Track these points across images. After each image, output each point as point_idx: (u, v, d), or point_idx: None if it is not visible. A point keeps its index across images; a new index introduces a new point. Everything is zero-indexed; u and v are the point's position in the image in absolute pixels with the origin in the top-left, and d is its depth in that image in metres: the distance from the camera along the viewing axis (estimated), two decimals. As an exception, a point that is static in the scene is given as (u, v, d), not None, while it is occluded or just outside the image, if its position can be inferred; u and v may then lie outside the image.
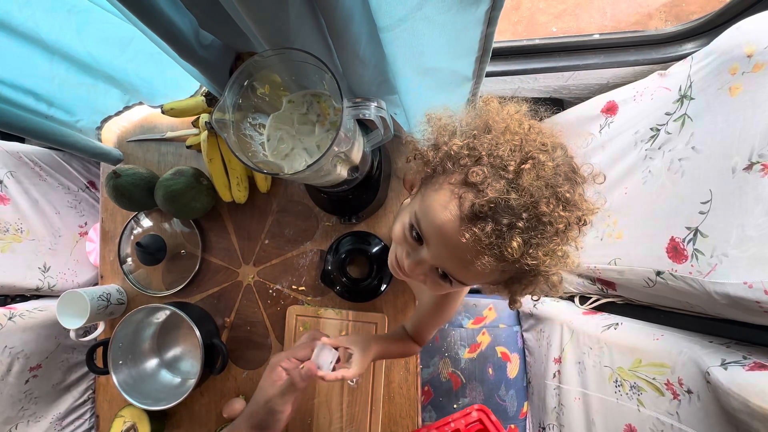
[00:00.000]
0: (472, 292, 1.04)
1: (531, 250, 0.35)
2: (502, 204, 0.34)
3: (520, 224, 0.34)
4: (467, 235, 0.35)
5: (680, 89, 0.66)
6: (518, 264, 0.35)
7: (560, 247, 0.36)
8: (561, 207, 0.35)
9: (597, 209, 0.38)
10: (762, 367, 0.51)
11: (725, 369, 0.53)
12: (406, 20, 0.42)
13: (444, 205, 0.37)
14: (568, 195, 0.35)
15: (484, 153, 0.37)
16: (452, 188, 0.38)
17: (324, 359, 0.53)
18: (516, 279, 0.40)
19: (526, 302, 0.44)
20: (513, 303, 0.43)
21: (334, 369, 0.53)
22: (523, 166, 0.35)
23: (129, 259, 0.86)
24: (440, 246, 0.39)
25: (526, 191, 0.34)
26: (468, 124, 0.41)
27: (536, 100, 0.42)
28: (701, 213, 0.60)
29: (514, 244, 0.34)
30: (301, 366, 0.50)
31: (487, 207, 0.34)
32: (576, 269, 0.39)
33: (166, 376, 0.84)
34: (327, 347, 0.53)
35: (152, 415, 0.80)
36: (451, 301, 0.60)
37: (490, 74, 0.88)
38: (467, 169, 0.37)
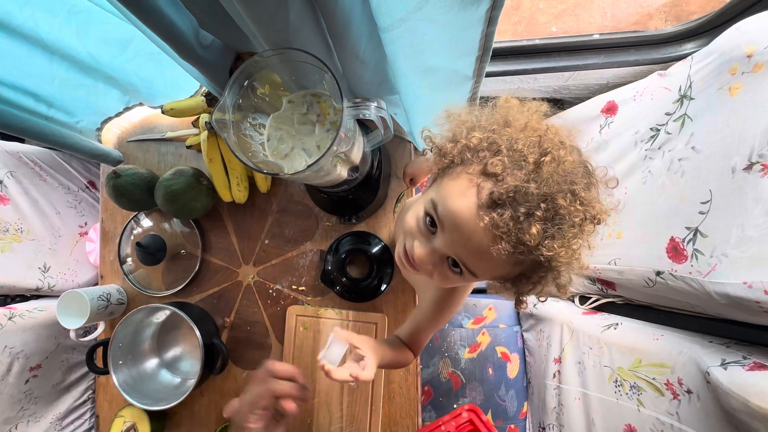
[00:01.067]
0: (473, 292, 1.04)
1: (547, 241, 0.35)
2: (521, 192, 0.34)
3: (538, 213, 0.34)
4: (486, 220, 0.35)
5: (680, 89, 0.66)
6: (533, 254, 0.35)
7: (576, 241, 0.36)
8: (578, 203, 0.35)
9: (611, 210, 0.39)
10: (762, 367, 0.51)
11: (725, 369, 0.53)
12: (406, 20, 0.42)
13: (462, 192, 0.38)
14: (584, 194, 0.36)
15: (503, 146, 0.37)
16: (470, 177, 0.38)
17: (336, 354, 0.46)
18: (525, 275, 0.40)
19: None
20: (519, 303, 0.42)
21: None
22: (543, 159, 0.35)
23: (129, 259, 0.86)
24: (456, 232, 0.39)
25: (545, 183, 0.34)
26: (486, 120, 0.41)
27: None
28: (701, 213, 0.60)
29: (533, 230, 0.34)
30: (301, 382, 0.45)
31: (506, 195, 0.35)
32: (585, 272, 0.39)
33: (166, 376, 0.84)
34: (339, 341, 0.47)
35: (152, 415, 0.80)
36: (452, 301, 0.60)
37: (490, 74, 0.88)
38: (486, 160, 0.37)
